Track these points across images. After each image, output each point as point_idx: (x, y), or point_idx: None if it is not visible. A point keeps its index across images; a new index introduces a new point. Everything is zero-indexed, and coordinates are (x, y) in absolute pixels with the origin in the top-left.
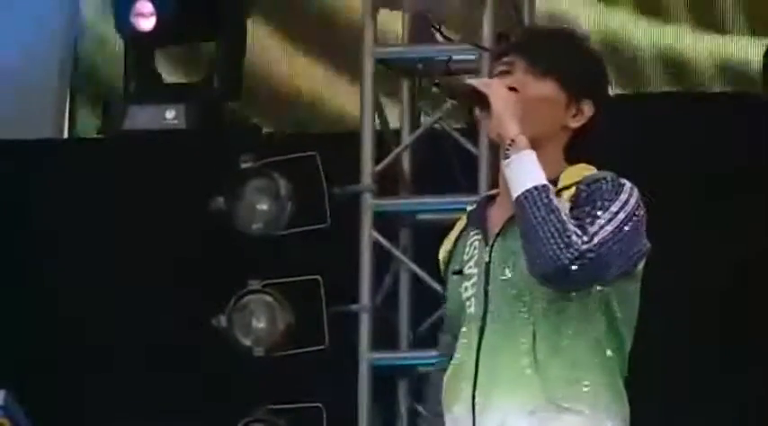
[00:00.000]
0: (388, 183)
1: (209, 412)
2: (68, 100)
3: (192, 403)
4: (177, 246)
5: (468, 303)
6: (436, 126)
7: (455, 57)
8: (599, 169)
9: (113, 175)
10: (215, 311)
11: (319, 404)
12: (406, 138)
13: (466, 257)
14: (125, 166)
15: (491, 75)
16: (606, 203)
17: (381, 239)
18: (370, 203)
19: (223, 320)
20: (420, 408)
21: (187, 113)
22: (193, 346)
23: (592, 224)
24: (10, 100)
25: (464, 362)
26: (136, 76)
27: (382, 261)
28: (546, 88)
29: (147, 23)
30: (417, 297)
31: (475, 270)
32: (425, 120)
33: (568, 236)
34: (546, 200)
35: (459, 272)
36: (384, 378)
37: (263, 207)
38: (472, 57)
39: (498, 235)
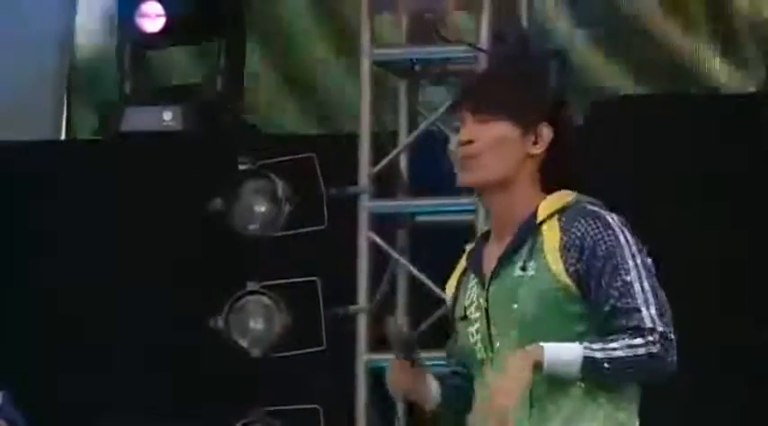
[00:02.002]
0: (385, 185)
1: (207, 413)
2: (66, 101)
3: (189, 403)
4: (175, 247)
5: (476, 348)
6: (433, 127)
7: (453, 58)
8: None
9: (111, 177)
10: (212, 312)
11: (317, 406)
12: (404, 140)
13: (467, 302)
14: (123, 168)
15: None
16: (620, 260)
17: (379, 240)
18: (367, 205)
19: (220, 321)
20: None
21: (184, 115)
22: (191, 347)
23: (632, 296)
24: (8, 101)
25: (479, 407)
26: (132, 78)
27: (380, 262)
28: (497, 129)
29: (153, 25)
30: (415, 299)
31: (477, 315)
32: (423, 122)
33: (640, 346)
34: (600, 354)
35: (465, 318)
36: (382, 380)
37: (261, 208)
38: (469, 57)
39: (492, 277)
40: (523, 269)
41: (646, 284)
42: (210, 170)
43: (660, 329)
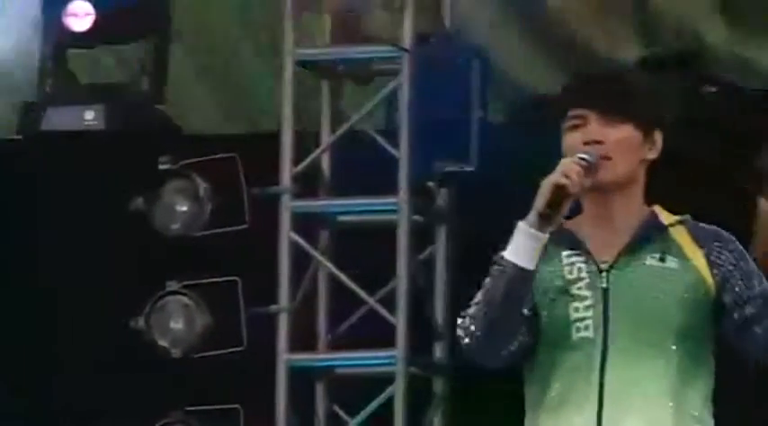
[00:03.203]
0: (308, 185)
1: (127, 414)
2: None
3: (109, 404)
4: (96, 247)
5: (578, 325)
6: (356, 127)
7: (376, 58)
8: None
9: (32, 176)
10: (133, 312)
11: (237, 406)
12: (326, 140)
13: (570, 277)
14: (43, 167)
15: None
16: (757, 272)
17: (300, 240)
18: (288, 204)
19: (141, 321)
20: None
21: (107, 114)
22: (111, 347)
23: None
24: None
25: (578, 388)
26: (53, 77)
27: (301, 262)
28: (623, 131)
29: (81, 24)
30: (335, 299)
31: (588, 293)
32: (345, 122)
33: None
34: None
35: (570, 291)
36: (303, 379)
37: (182, 208)
38: (394, 57)
39: (614, 263)
40: (662, 260)
41: None
42: (132, 170)
43: None
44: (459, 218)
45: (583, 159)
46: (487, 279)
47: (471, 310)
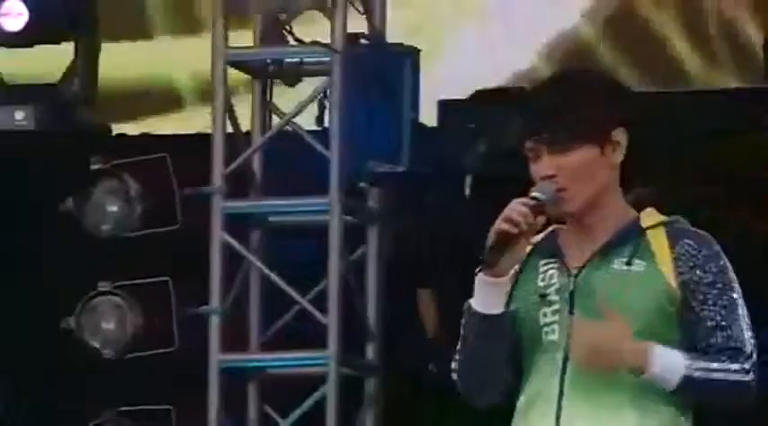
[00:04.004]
0: (239, 185)
1: (59, 414)
2: None
3: (41, 404)
4: (26, 247)
5: (546, 329)
6: (288, 128)
7: (307, 59)
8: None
9: None
10: (64, 313)
11: (169, 406)
12: (257, 140)
13: (542, 283)
14: None
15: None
16: (728, 281)
17: (232, 241)
18: (220, 205)
19: (72, 322)
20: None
21: (38, 114)
22: (43, 348)
23: (736, 317)
24: None
25: (542, 392)
26: None
27: (233, 262)
28: (576, 156)
29: (14, 23)
30: (267, 299)
31: (557, 298)
32: (277, 122)
33: (736, 372)
34: (699, 373)
35: (542, 296)
36: (235, 380)
37: (113, 208)
38: (324, 58)
39: (583, 267)
40: (629, 264)
41: (745, 308)
42: (62, 170)
43: (755, 357)
44: (391, 219)
45: (534, 198)
46: (462, 327)
47: (457, 357)
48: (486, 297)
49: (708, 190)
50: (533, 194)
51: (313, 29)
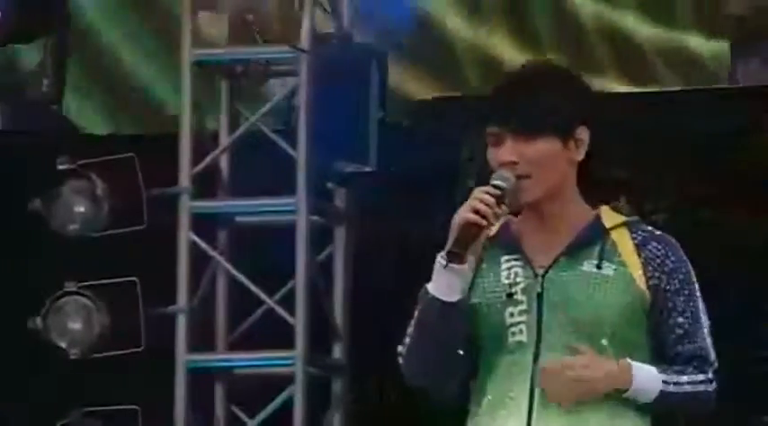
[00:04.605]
0: (207, 185)
1: (26, 415)
2: None
3: (7, 404)
4: None
5: (513, 329)
6: (255, 128)
7: (274, 59)
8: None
9: None
10: (31, 313)
11: (136, 407)
12: (225, 140)
13: (507, 281)
14: None
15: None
16: (693, 288)
17: (199, 241)
18: (187, 205)
19: (39, 322)
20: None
21: (4, 114)
22: (9, 348)
23: (700, 324)
24: None
25: (511, 393)
26: None
27: (200, 262)
28: (539, 145)
29: None
30: (234, 299)
31: (523, 298)
32: (244, 122)
33: (702, 382)
34: (673, 388)
35: (509, 295)
36: (202, 380)
37: (80, 208)
38: (292, 58)
39: (550, 268)
40: (599, 267)
41: (706, 314)
42: (30, 170)
43: (716, 365)
44: (358, 219)
45: (496, 186)
46: (416, 311)
47: (406, 341)
48: (445, 283)
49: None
50: (495, 183)
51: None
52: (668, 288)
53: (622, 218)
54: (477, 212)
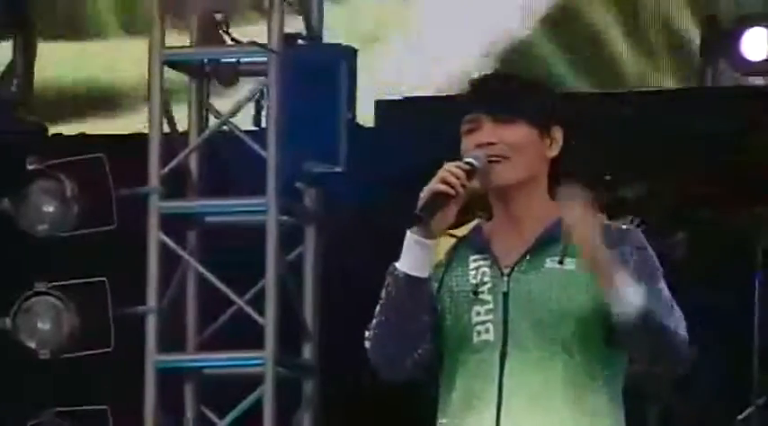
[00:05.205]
0: (176, 186)
1: None
2: None
3: None
4: None
5: (479, 328)
6: (225, 128)
7: (244, 59)
8: None
9: None
10: (0, 313)
11: (105, 407)
12: (194, 140)
13: (475, 281)
14: None
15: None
16: (655, 269)
17: (168, 241)
18: (157, 205)
19: (8, 322)
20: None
21: None
22: None
23: (671, 304)
24: None
25: (478, 392)
26: None
27: (170, 263)
28: (518, 130)
29: None
30: (204, 300)
31: (489, 297)
32: (214, 122)
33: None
34: (655, 301)
35: (475, 294)
36: (172, 380)
37: (49, 208)
38: (262, 59)
39: (515, 267)
40: (561, 263)
41: (673, 299)
42: None
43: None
44: (328, 219)
45: (467, 162)
46: (383, 291)
47: (374, 323)
48: (414, 258)
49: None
50: (467, 159)
51: (250, 29)
52: (633, 269)
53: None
54: (445, 182)
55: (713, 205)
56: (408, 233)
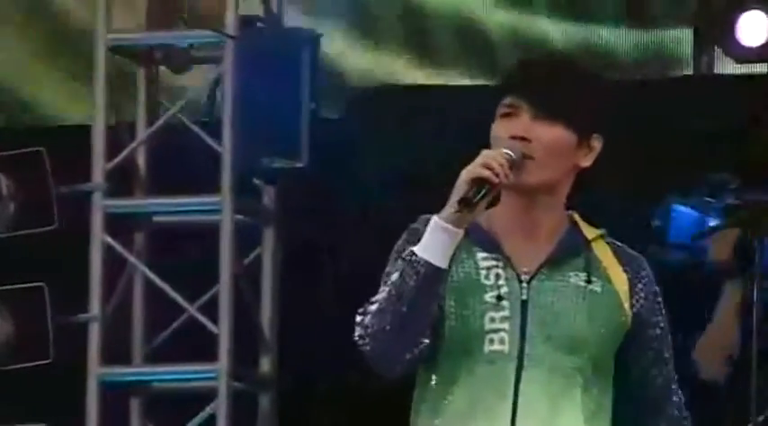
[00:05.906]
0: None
1: None
2: None
3: None
4: None
5: (492, 336)
6: (175, 119)
7: (197, 44)
8: None
9: None
10: None
11: (43, 424)
12: (142, 133)
13: (487, 283)
14: None
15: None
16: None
17: (113, 243)
18: (101, 203)
19: None
20: None
21: None
22: None
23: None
24: None
25: (488, 401)
26: None
27: (115, 266)
28: (556, 132)
29: None
30: (152, 307)
31: (505, 304)
32: (164, 114)
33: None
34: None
35: (498, 299)
36: (116, 395)
37: None
38: (216, 43)
39: (535, 275)
40: (588, 281)
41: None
42: None
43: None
44: (288, 219)
45: (507, 153)
46: (394, 276)
47: (373, 308)
48: (440, 245)
49: None
50: (507, 151)
51: None
52: (649, 315)
53: (598, 231)
54: (489, 168)
55: None
56: (436, 218)
